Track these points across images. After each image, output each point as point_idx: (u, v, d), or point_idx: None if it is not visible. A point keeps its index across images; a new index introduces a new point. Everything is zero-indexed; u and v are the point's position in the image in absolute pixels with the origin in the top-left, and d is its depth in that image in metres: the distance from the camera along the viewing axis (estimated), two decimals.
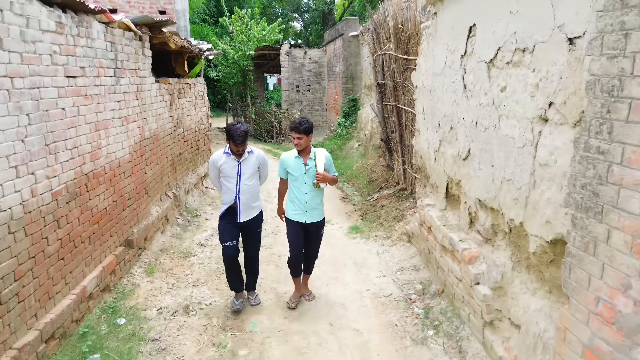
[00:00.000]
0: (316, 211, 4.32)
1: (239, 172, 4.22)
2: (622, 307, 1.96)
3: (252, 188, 4.29)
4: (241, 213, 4.26)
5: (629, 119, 1.89)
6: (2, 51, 3.02)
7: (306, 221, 4.27)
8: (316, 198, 4.28)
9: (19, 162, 3.19)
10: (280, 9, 37.29)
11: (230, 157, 4.22)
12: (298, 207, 4.28)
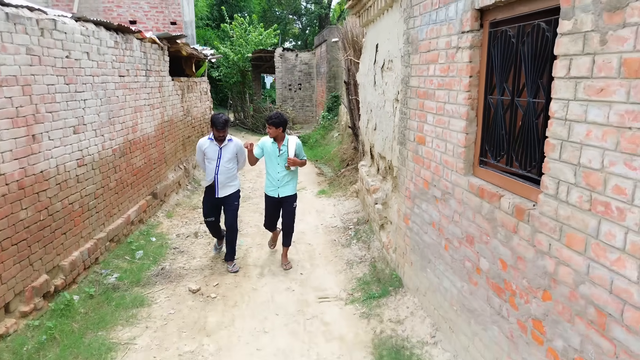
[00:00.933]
0: (288, 186, 5.14)
1: (219, 156, 5.09)
2: (412, 188, 4.04)
3: (229, 170, 5.16)
4: (219, 190, 5.17)
5: (411, 96, 3.97)
6: (89, 60, 5.10)
7: (279, 196, 5.14)
8: (287, 176, 5.12)
9: (96, 128, 5.27)
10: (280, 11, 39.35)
11: (213, 142, 5.10)
12: (272, 184, 5.14)
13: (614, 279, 1.78)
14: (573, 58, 1.94)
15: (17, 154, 3.83)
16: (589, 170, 1.89)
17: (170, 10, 12.13)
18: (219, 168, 5.10)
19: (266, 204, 5.31)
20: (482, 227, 2.80)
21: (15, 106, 3.81)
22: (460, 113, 3.03)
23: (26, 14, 4.00)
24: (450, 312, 3.32)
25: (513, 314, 2.50)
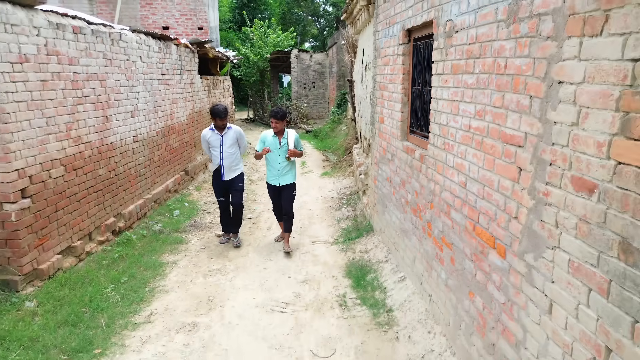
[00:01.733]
0: (287, 176, 5.62)
1: (222, 143, 5.64)
2: (377, 156, 5.51)
3: (232, 155, 5.70)
4: (225, 173, 5.72)
5: (377, 89, 5.45)
6: (141, 62, 6.71)
7: (280, 184, 5.63)
8: (287, 166, 5.59)
9: (146, 114, 6.89)
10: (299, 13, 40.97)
11: (215, 132, 5.67)
12: (273, 174, 5.62)
13: (451, 185, 3.24)
14: (437, 63, 3.41)
15: (97, 129, 5.46)
16: (443, 126, 3.35)
17: (197, 17, 13.80)
18: (223, 154, 5.64)
19: (269, 193, 5.86)
20: (407, 172, 4.27)
21: (97, 95, 5.43)
22: (398, 99, 4.50)
23: (102, 30, 5.62)
24: (395, 237, 4.80)
25: (420, 223, 3.96)
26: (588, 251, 1.80)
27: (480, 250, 2.80)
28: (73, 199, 4.96)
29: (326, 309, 4.34)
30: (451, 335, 3.30)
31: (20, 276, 4.17)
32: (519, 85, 2.29)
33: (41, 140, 4.40)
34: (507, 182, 2.45)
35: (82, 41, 5.08)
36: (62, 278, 4.54)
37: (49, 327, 3.77)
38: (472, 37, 2.82)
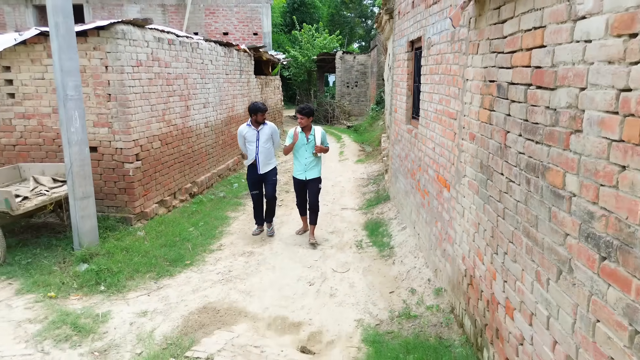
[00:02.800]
0: (314, 170, 5.82)
1: (258, 138, 5.86)
2: (393, 139, 6.98)
3: (267, 150, 5.93)
4: (260, 167, 5.93)
5: (393, 86, 6.92)
6: (211, 64, 8.52)
7: (306, 178, 5.83)
8: (314, 162, 5.80)
9: (213, 105, 8.70)
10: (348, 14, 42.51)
11: (251, 127, 5.89)
12: (300, 169, 5.82)
13: (427, 150, 4.70)
14: (423, 66, 4.89)
15: (181, 115, 7.28)
16: (425, 110, 4.82)
17: (253, 24, 15.68)
18: (259, 148, 5.88)
19: (295, 186, 6.03)
20: (408, 147, 5.75)
21: (181, 90, 7.25)
22: (404, 93, 5.98)
23: (186, 40, 7.44)
24: (401, 199, 6.27)
25: (414, 184, 5.43)
26: (473, 172, 3.27)
27: (439, 190, 4.27)
28: (165, 166, 6.79)
29: (346, 248, 5.89)
30: (427, 255, 4.77)
31: (133, 215, 6.02)
32: (454, 81, 3.76)
33: (147, 121, 6.23)
34: (449, 143, 3.92)
35: (173, 50, 6.91)
36: (159, 220, 6.37)
37: (154, 246, 5.56)
38: (438, 50, 4.29)
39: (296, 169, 5.91)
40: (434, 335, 3.68)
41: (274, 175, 6.10)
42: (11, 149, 6.08)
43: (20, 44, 5.64)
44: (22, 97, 5.88)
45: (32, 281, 4.63)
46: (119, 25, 5.54)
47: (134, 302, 4.42)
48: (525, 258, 2.38)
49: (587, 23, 1.79)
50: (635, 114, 1.51)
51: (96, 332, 3.87)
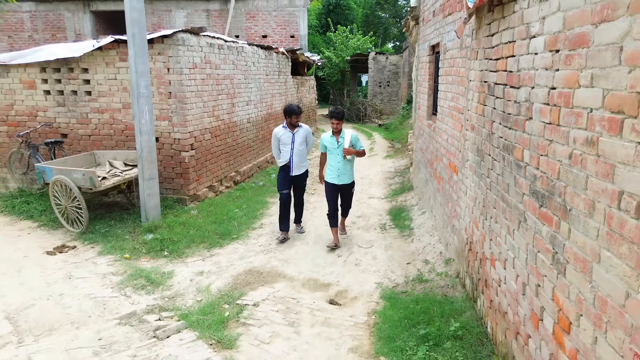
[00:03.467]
0: (347, 175, 5.73)
1: (293, 140, 5.90)
2: (416, 133, 7.69)
3: (301, 152, 5.96)
4: (293, 169, 5.95)
5: (417, 85, 7.62)
6: (253, 66, 9.44)
7: (339, 183, 5.73)
8: (346, 165, 5.70)
9: (255, 103, 9.63)
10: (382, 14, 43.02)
11: (287, 129, 5.93)
12: (333, 172, 5.69)
13: (442, 141, 5.40)
14: (440, 69, 5.60)
15: (228, 112, 8.22)
16: (441, 107, 5.53)
17: (290, 27, 16.61)
18: (294, 150, 5.91)
19: (327, 191, 5.85)
20: (428, 140, 6.45)
21: (228, 89, 8.19)
22: (426, 92, 6.69)
23: (232, 45, 8.37)
24: (422, 187, 6.98)
25: (432, 172, 6.13)
26: (472, 156, 3.98)
27: (450, 175, 4.98)
28: (214, 155, 7.74)
29: (371, 229, 6.65)
30: (440, 233, 5.48)
31: (187, 196, 6.98)
32: (462, 82, 4.47)
33: (200, 116, 7.19)
34: (458, 133, 4.63)
35: (222, 53, 7.85)
36: (209, 202, 7.32)
37: (206, 223, 6.50)
38: (451, 55, 5.00)
39: (329, 173, 5.78)
40: (440, 294, 4.40)
41: (304, 179, 6.17)
42: (87, 139, 7.16)
43: (97, 49, 6.68)
44: (97, 94, 6.94)
45: (110, 246, 5.65)
46: (180, 33, 6.50)
47: (192, 265, 5.34)
48: (502, 217, 3.10)
49: (535, 41, 2.51)
50: (557, 105, 2.24)
51: (164, 284, 4.80)
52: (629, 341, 1.65)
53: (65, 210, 5.97)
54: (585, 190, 1.96)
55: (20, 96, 7.24)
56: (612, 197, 1.76)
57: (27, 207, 6.78)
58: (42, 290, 4.57)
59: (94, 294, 4.49)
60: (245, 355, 3.55)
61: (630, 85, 1.65)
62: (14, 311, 4.16)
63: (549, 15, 2.33)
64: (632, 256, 1.63)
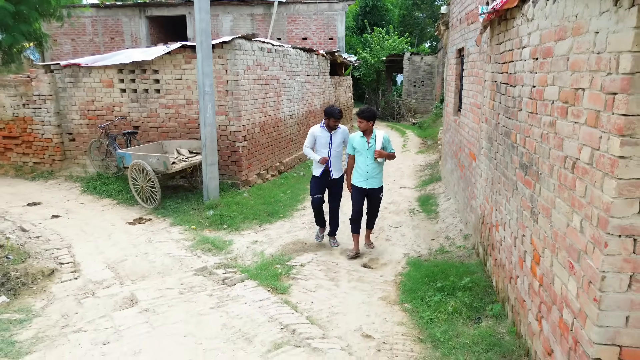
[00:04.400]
0: (375, 179, 5.37)
1: (330, 142, 5.58)
2: (445, 128, 8.44)
3: (338, 154, 5.67)
4: (332, 172, 5.64)
5: (446, 84, 8.38)
6: (296, 67, 10.40)
7: (367, 187, 5.38)
8: (376, 169, 5.31)
9: (297, 101, 10.60)
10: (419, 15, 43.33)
11: (324, 130, 5.59)
12: (361, 176, 5.35)
13: (464, 134, 6.17)
14: (465, 70, 6.37)
15: (274, 108, 9.22)
16: (464, 104, 6.30)
17: (329, 29, 17.54)
18: (331, 152, 5.60)
19: (354, 195, 5.53)
20: (454, 134, 7.22)
21: (275, 88, 9.18)
22: (453, 90, 7.45)
23: (280, 49, 9.36)
24: (448, 176, 7.73)
25: (456, 162, 6.89)
26: (486, 144, 4.77)
27: (470, 163, 5.75)
28: (262, 147, 8.75)
29: (401, 213, 7.47)
30: (461, 214, 6.25)
31: (240, 181, 8.01)
32: (480, 82, 5.24)
33: (252, 111, 8.20)
34: (476, 126, 5.41)
35: (270, 56, 8.85)
36: (257, 187, 8.33)
37: (256, 204, 7.49)
38: (472, 58, 5.77)
39: (356, 176, 5.46)
40: (457, 261, 5.20)
41: (341, 184, 5.84)
42: (155, 130, 8.31)
43: (166, 53, 7.80)
44: (165, 92, 8.07)
45: (179, 219, 6.72)
46: (237, 39, 7.53)
47: (247, 236, 6.33)
48: (503, 190, 3.90)
49: (524, 50, 3.31)
50: (535, 98, 3.04)
51: (226, 249, 5.80)
52: (567, 256, 2.46)
53: (141, 189, 7.10)
54: (549, 158, 2.77)
55: (99, 93, 8.47)
56: (561, 160, 2.57)
57: (107, 187, 7.98)
58: (130, 249, 5.66)
59: (171, 254, 5.55)
60: (296, 298, 4.48)
61: (571, 84, 2.46)
62: (113, 263, 5.26)
63: (532, 32, 3.13)
64: (569, 198, 2.44)
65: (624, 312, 2.07)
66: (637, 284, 2.05)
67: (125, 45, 18.88)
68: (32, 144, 9.03)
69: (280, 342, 3.64)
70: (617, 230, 2.01)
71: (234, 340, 3.67)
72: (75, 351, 3.52)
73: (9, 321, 3.97)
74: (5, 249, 5.43)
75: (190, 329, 3.83)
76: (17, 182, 8.75)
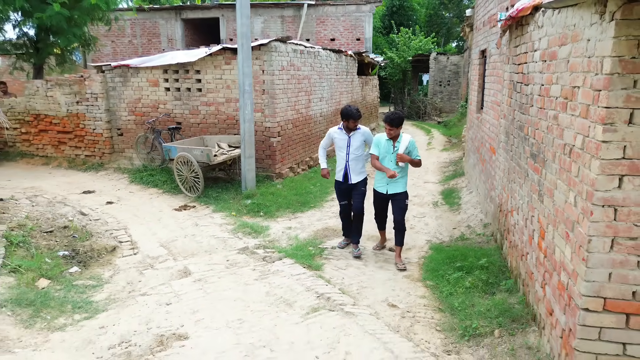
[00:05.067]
0: (398, 184, 5.07)
1: (348, 144, 5.30)
2: (469, 126, 8.85)
3: (358, 157, 5.34)
4: (351, 176, 5.37)
5: (469, 82, 8.79)
6: (326, 67, 10.94)
7: (388, 192, 5.12)
8: (399, 173, 5.04)
9: (326, 100, 11.14)
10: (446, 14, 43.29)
11: (342, 132, 5.37)
12: (382, 180, 5.15)
13: (485, 129, 6.59)
14: (487, 70, 6.78)
15: (305, 106, 9.79)
16: (486, 102, 6.72)
17: (356, 30, 18.03)
18: (349, 156, 5.32)
19: (375, 202, 5.37)
20: (476, 130, 7.62)
21: (306, 87, 9.75)
22: (476, 89, 7.86)
23: (311, 50, 9.92)
24: (470, 171, 8.14)
25: (478, 157, 7.30)
26: (504, 138, 5.20)
27: (490, 157, 6.18)
28: (294, 142, 9.34)
29: (425, 205, 7.92)
30: (482, 205, 6.68)
31: (274, 174, 8.61)
32: (500, 81, 5.67)
33: (285, 109, 8.79)
34: (496, 122, 5.83)
35: (302, 57, 9.42)
36: (289, 179, 8.92)
37: (289, 194, 8.06)
38: (494, 59, 6.19)
39: (377, 180, 5.25)
40: (477, 246, 5.64)
41: (363, 185, 5.47)
42: (196, 126, 8.99)
43: (208, 55, 8.46)
44: (206, 91, 8.74)
45: (220, 206, 7.37)
46: (273, 42, 8.12)
47: (282, 222, 6.91)
48: (517, 178, 4.34)
49: (536, 53, 3.76)
50: (543, 95, 3.49)
51: (264, 233, 6.39)
52: (565, 227, 2.92)
53: (185, 179, 7.77)
54: (552, 146, 3.22)
55: (146, 92, 9.21)
56: (561, 147, 3.03)
57: (152, 178, 8.70)
58: (179, 231, 6.32)
59: (216, 235, 6.17)
60: (329, 274, 5.02)
61: (570, 82, 2.92)
62: (165, 242, 5.92)
63: (542, 37, 3.58)
64: (567, 179, 2.91)
65: (607, 270, 2.53)
66: (618, 246, 2.50)
67: (161, 46, 19.83)
68: (84, 138, 9.85)
69: (317, 306, 4.19)
70: (600, 201, 2.47)
71: (277, 304, 4.24)
72: (143, 309, 4.15)
73: (84, 286, 4.65)
74: (70, 229, 6.16)
75: (239, 295, 4.43)
76: (71, 173, 9.58)
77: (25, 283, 4.48)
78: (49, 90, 9.74)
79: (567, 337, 2.77)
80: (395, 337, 3.73)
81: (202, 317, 4.00)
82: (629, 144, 2.39)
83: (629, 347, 2.58)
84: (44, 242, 5.58)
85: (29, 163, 10.24)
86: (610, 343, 2.59)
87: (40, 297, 4.25)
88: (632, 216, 2.45)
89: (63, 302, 4.24)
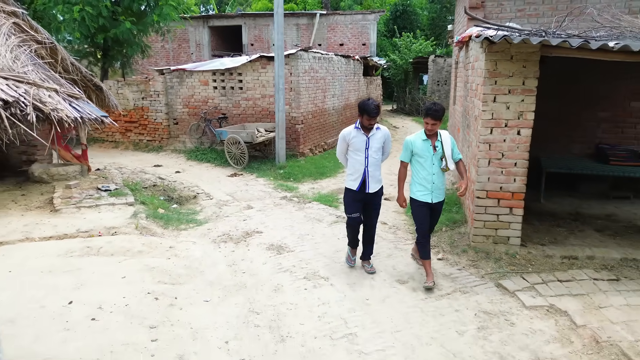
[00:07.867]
0: (441, 191, 4.55)
1: (367, 146, 4.56)
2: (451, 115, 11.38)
3: (377, 161, 4.67)
4: (370, 184, 4.64)
5: (469, 90, 11.30)
6: (337, 70, 13.48)
7: (433, 201, 4.49)
8: (442, 178, 4.52)
9: (337, 97, 13.68)
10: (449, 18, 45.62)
11: (360, 131, 4.57)
12: (425, 188, 4.45)
13: (456, 116, 9.11)
14: (458, 73, 9.32)
15: (321, 101, 12.35)
16: (457, 97, 9.25)
17: (362, 36, 20.56)
18: (368, 159, 4.62)
19: (416, 211, 4.60)
20: (452, 118, 10.14)
21: (322, 86, 12.30)
22: (453, 87, 10.37)
23: (326, 56, 12.46)
24: None
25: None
26: (461, 119, 7.74)
27: (456, 134, 8.69)
28: (312, 129, 11.89)
29: None
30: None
31: (298, 153, 11.18)
32: (462, 81, 8.17)
33: (306, 103, 11.34)
34: (460, 110, 8.35)
35: (319, 62, 11.97)
36: (309, 158, 11.48)
37: (310, 167, 10.60)
38: (459, 65, 8.70)
39: (418, 188, 4.56)
40: None
41: (380, 197, 4.89)
42: (237, 117, 11.57)
43: (248, 61, 11.03)
44: (246, 89, 11.31)
45: (261, 174, 9.95)
46: (299, 51, 10.68)
47: (307, 185, 9.45)
48: (464, 141, 6.86)
49: (471, 64, 6.29)
50: (470, 89, 6.01)
51: (295, 190, 8.93)
52: (473, 159, 5.46)
53: (233, 155, 10.35)
54: (472, 118, 5.76)
55: (198, 90, 11.80)
56: (474, 118, 5.56)
57: (204, 156, 11.30)
58: (236, 188, 8.90)
59: (262, 190, 8.75)
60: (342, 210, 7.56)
61: (476, 82, 5.45)
62: (229, 193, 8.50)
63: (471, 55, 6.10)
64: (474, 132, 5.44)
65: (487, 175, 5.05)
66: (492, 163, 5.02)
67: (190, 50, 22.46)
68: (147, 127, 12.48)
69: (336, 221, 6.74)
70: (482, 140, 5.00)
71: (312, 221, 6.80)
72: (229, 223, 6.72)
73: (188, 211, 7.24)
74: (159, 186, 8.75)
75: (287, 216, 7.00)
76: (138, 154, 12.21)
77: (152, 209, 7.07)
78: (120, 88, 12.37)
79: (471, 214, 5.31)
80: (386, 234, 6.28)
81: (268, 225, 6.57)
82: (494, 112, 4.92)
83: (500, 217, 5.11)
84: (148, 192, 8.18)
85: (101, 147, 12.88)
86: (490, 214, 5.13)
87: (164, 216, 6.83)
88: (497, 147, 4.98)
89: (179, 218, 6.82)
